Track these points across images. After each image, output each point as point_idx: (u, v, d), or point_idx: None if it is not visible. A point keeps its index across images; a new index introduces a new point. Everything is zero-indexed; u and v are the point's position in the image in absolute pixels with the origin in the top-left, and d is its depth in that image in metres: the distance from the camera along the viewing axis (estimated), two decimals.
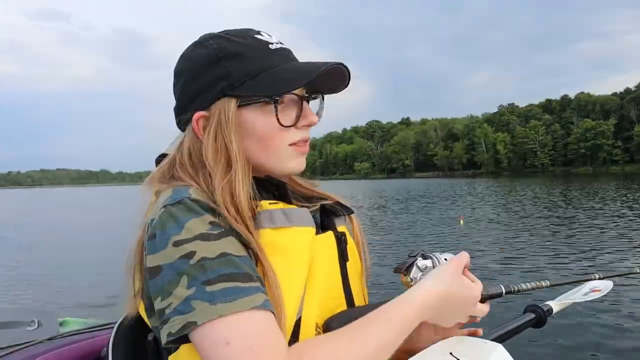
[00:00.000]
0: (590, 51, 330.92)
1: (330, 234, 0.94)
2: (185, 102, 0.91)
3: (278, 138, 0.87)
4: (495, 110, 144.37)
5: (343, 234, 0.97)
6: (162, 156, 0.96)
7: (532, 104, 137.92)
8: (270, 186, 0.91)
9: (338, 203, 1.02)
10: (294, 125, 0.88)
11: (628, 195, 23.39)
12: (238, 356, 0.66)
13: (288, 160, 0.90)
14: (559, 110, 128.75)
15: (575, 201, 21.57)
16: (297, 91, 0.88)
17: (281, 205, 0.88)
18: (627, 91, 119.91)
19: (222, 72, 0.86)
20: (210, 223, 0.76)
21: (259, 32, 0.90)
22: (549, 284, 1.12)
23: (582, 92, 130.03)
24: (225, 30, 0.91)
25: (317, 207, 0.98)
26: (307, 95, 0.91)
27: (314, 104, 0.96)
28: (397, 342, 0.77)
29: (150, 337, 0.90)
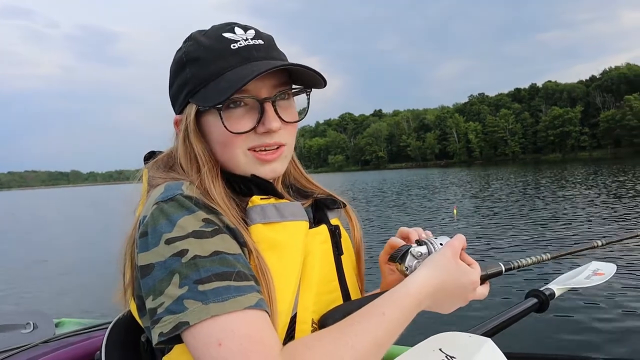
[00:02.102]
0: (555, 40, 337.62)
1: (323, 228, 0.92)
2: (171, 103, 0.92)
3: (235, 143, 0.85)
4: (466, 100, 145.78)
5: (337, 227, 0.95)
6: (152, 153, 0.97)
7: (501, 93, 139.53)
8: (258, 183, 0.89)
9: (330, 196, 1.01)
10: (252, 131, 0.85)
11: (606, 180, 23.88)
12: (230, 357, 0.64)
13: (249, 167, 0.88)
14: (527, 98, 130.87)
15: (556, 184, 21.98)
16: (262, 93, 0.85)
17: (273, 200, 0.86)
18: (592, 79, 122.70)
19: (185, 78, 0.86)
20: (204, 220, 0.74)
21: (232, 28, 0.87)
22: (550, 257, 1.09)
23: (550, 81, 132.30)
24: (206, 29, 0.90)
25: (310, 201, 0.97)
26: (267, 97, 0.85)
27: (300, 100, 0.93)
28: (393, 336, 0.75)
29: (143, 339, 0.89)
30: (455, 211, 14.01)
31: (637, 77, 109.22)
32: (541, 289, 1.40)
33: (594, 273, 1.51)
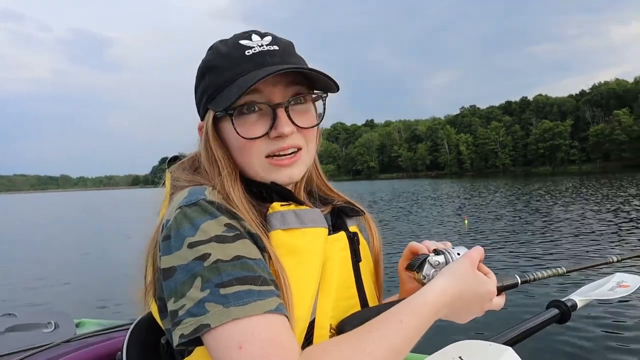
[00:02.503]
0: (546, 53, 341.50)
1: (342, 234, 0.93)
2: (197, 110, 0.95)
3: (251, 149, 0.87)
4: (457, 112, 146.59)
5: (355, 234, 0.96)
6: (174, 159, 0.99)
7: (492, 106, 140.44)
8: (278, 190, 0.90)
9: (349, 203, 1.02)
10: (265, 136, 0.86)
11: (609, 192, 23.89)
12: None
13: (266, 173, 0.89)
14: (518, 111, 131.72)
15: (549, 195, 22.05)
16: (275, 98, 0.86)
17: (293, 206, 0.87)
18: (582, 93, 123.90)
19: (205, 86, 0.89)
20: (226, 225, 0.76)
21: (249, 36, 0.89)
22: (565, 271, 1.09)
23: (540, 94, 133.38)
24: (227, 38, 0.93)
25: (329, 208, 0.97)
26: (280, 103, 0.86)
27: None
28: (410, 344, 0.76)
29: (163, 341, 0.90)
30: (466, 221, 13.97)
31: (625, 93, 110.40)
32: (563, 299, 1.37)
33: (618, 285, 1.48)
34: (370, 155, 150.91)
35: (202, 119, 0.92)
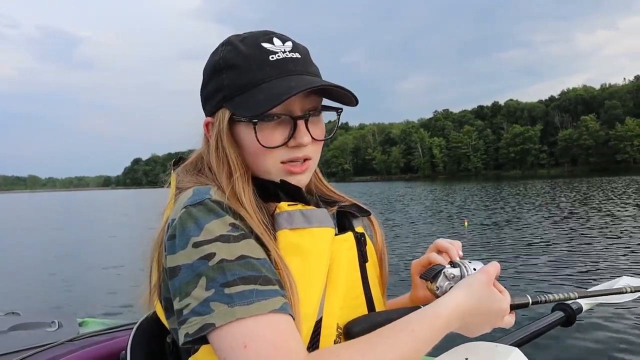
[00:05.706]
0: (517, 60, 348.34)
1: (350, 235, 0.93)
2: (202, 103, 0.94)
3: (266, 155, 0.86)
4: (431, 115, 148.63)
5: (362, 234, 0.96)
6: (180, 159, 0.98)
7: (465, 110, 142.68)
8: (286, 188, 0.90)
9: (355, 205, 1.02)
10: (284, 145, 0.86)
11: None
12: (255, 359, 0.65)
13: (278, 176, 0.89)
14: (490, 116, 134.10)
15: (521, 198, 22.39)
16: (295, 108, 0.86)
17: (300, 206, 0.88)
18: (552, 99, 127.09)
19: (221, 84, 0.87)
20: (231, 225, 0.76)
21: (270, 39, 0.88)
22: (577, 296, 1.09)
23: (511, 99, 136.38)
24: (244, 34, 0.91)
25: (335, 208, 0.98)
26: (301, 114, 0.87)
27: (330, 115, 0.95)
28: (419, 354, 0.75)
29: (169, 339, 0.90)
30: (465, 223, 13.86)
31: (592, 99, 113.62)
32: (568, 302, 1.36)
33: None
34: (344, 158, 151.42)
35: (211, 115, 0.90)
